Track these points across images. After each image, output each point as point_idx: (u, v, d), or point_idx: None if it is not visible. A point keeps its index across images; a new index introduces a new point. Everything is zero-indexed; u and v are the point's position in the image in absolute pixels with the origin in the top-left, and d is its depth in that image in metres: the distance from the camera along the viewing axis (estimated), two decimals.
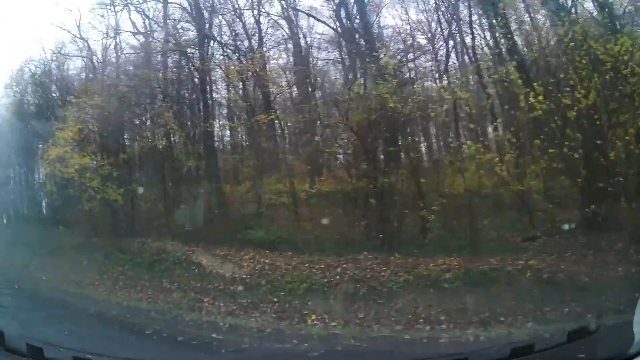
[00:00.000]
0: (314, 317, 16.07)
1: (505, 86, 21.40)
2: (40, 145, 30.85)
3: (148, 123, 28.86)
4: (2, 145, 39.09)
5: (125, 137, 30.37)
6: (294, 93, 30.82)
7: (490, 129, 24.69)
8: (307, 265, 19.70)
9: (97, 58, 33.62)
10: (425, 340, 13.26)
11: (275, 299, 17.81)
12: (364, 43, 26.46)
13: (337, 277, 18.27)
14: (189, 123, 28.00)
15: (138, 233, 26.80)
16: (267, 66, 28.29)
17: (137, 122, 29.86)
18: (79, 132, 27.09)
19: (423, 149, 26.34)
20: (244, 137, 31.01)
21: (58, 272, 26.70)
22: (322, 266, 19.28)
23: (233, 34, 29.79)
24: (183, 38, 29.12)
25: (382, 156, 23.02)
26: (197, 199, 26.69)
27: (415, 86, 24.86)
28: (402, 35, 27.46)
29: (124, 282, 22.79)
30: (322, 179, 27.27)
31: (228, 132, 31.55)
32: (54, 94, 36.43)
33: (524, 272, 15.67)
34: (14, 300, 21.68)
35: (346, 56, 29.51)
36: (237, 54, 29.50)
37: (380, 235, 21.07)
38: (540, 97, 18.04)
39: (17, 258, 33.98)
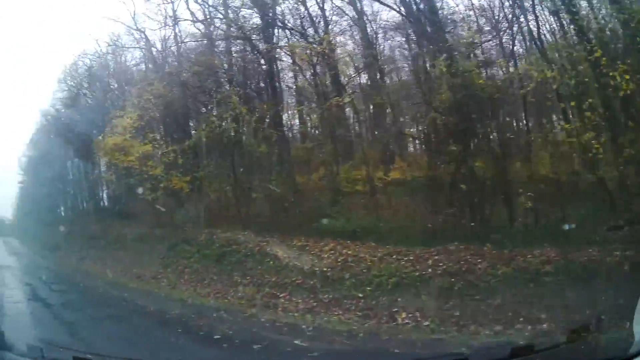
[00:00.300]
0: (404, 315, 13.96)
1: (590, 65, 18.55)
2: (98, 137, 29.12)
3: (214, 111, 26.76)
4: (58, 138, 39.89)
5: (190, 124, 29.56)
6: (362, 80, 28.63)
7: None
8: (394, 257, 17.42)
9: (156, 48, 33.10)
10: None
11: (361, 295, 15.68)
12: (431, 27, 23.91)
13: (429, 270, 15.99)
14: (257, 110, 25.56)
15: (205, 223, 25.15)
16: (335, 52, 26.10)
17: (203, 108, 28.53)
18: (138, 119, 26.13)
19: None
20: (314, 123, 29.11)
21: (117, 265, 25.96)
22: (411, 258, 17.01)
23: (299, 19, 27.91)
24: (246, 25, 27.43)
25: (468, 138, 20.60)
26: (269, 187, 24.47)
27: (497, 65, 23.17)
28: (467, 20, 25.11)
29: (190, 275, 21.40)
30: (397, 166, 25.32)
31: (297, 120, 30.54)
32: (111, 86, 36.65)
33: (621, 264, 13.74)
34: (64, 297, 20.32)
35: (412, 41, 26.73)
36: (304, 41, 27.06)
37: (472, 224, 18.94)
38: (627, 76, 16.34)
39: (73, 251, 34.84)
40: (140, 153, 25.01)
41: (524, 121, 23.54)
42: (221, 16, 28.40)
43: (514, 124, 24.47)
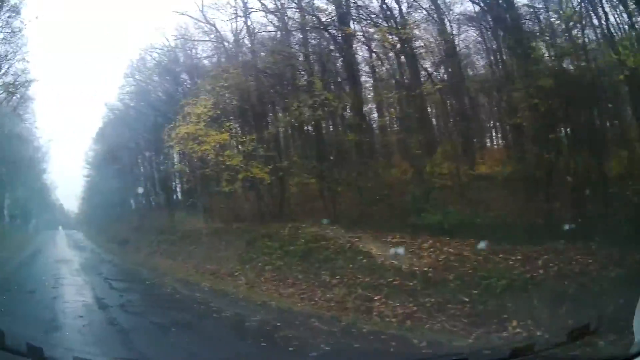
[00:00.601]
0: (514, 323, 12.10)
1: None
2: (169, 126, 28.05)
3: (295, 99, 25.33)
4: (127, 132, 40.80)
5: (268, 112, 28.65)
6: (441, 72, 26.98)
7: None
8: (500, 255, 15.67)
9: (228, 42, 32.44)
10: None
11: (467, 299, 13.81)
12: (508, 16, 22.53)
13: (541, 271, 14.24)
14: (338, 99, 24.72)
15: (287, 217, 24.19)
16: (414, 43, 24.98)
17: (282, 97, 27.25)
18: (213, 108, 25.00)
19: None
20: (394, 116, 27.65)
21: (189, 261, 25.14)
22: (519, 257, 15.26)
23: (377, 7, 25.83)
24: (321, 15, 26.58)
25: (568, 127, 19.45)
26: (356, 178, 23.41)
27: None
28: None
29: (271, 273, 19.89)
30: (483, 159, 24.29)
31: (376, 114, 28.40)
32: (181, 77, 36.69)
33: None
34: (124, 297, 18.40)
35: (489, 31, 25.52)
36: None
37: (578, 220, 16.75)
38: None
39: (141, 245, 34.30)
40: (216, 142, 23.88)
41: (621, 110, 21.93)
42: (294, 6, 28.21)
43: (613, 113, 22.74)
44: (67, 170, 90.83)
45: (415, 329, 12.89)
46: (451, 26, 26.20)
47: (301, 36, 28.17)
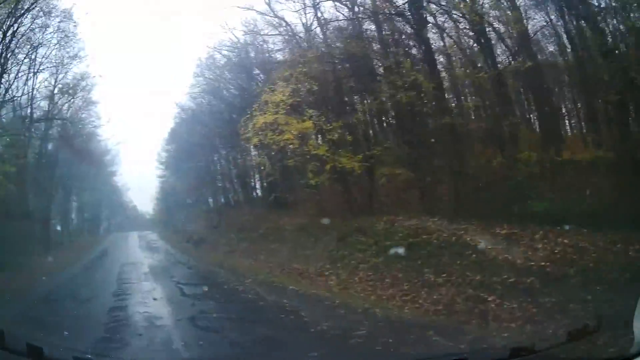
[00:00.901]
0: None
1: None
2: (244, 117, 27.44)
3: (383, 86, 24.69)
4: (200, 130, 42.11)
5: (353, 97, 27.92)
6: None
7: None
8: (618, 246, 14.19)
9: (298, 34, 32.26)
10: None
11: (590, 297, 12.20)
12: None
13: None
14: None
15: (377, 210, 23.03)
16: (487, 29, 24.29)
17: (369, 78, 26.17)
18: (292, 94, 24.20)
19: None
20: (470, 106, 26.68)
21: (272, 261, 23.95)
22: (638, 247, 13.70)
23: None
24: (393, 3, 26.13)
25: None
26: (450, 165, 22.11)
27: None
28: None
29: (366, 272, 18.51)
30: (568, 145, 22.73)
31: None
32: (254, 73, 36.96)
33: None
34: (198, 305, 16.59)
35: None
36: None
37: None
38: None
39: (219, 244, 33.80)
40: (298, 131, 23.12)
41: None
42: None
43: None
44: (140, 172, 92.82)
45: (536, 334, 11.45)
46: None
47: (373, 26, 27.60)
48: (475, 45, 24.59)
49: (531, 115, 26.21)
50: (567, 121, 26.08)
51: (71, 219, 57.58)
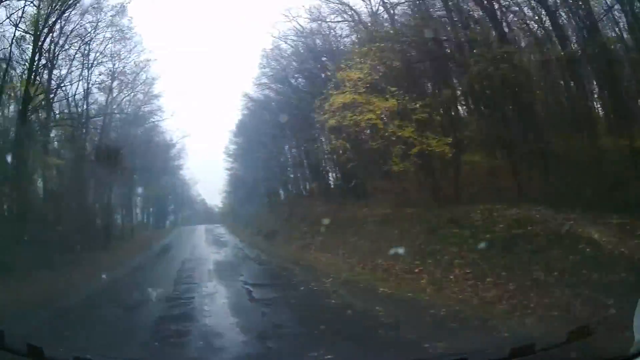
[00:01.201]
0: None
1: None
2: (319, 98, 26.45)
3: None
4: (268, 121, 43.84)
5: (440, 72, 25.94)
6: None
7: None
8: None
9: (363, 24, 32.89)
10: None
11: None
12: None
13: None
14: None
15: (465, 198, 21.47)
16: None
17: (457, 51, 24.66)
18: (371, 71, 22.75)
19: None
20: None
21: (352, 255, 22.29)
22: None
23: None
24: None
25: None
26: (549, 146, 20.46)
27: None
28: None
29: (462, 270, 16.30)
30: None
31: None
32: (322, 59, 37.06)
33: None
34: (270, 316, 14.01)
35: None
36: None
37: None
38: None
39: (292, 237, 33.07)
40: (382, 110, 21.50)
41: None
42: None
43: None
44: (208, 165, 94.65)
45: None
46: None
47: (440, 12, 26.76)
48: (542, 27, 23.69)
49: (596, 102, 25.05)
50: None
51: (135, 213, 58.95)
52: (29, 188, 30.14)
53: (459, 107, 27.60)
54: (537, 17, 23.44)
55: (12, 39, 27.92)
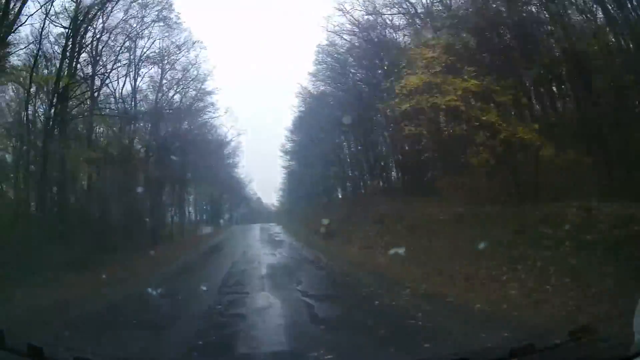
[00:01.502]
0: None
1: None
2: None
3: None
4: (329, 117, 42.95)
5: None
6: None
7: None
8: None
9: (418, 17, 32.83)
10: None
11: None
12: None
13: None
14: None
15: (546, 195, 19.24)
16: None
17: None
18: (446, 50, 21.13)
19: None
20: None
21: (425, 260, 19.64)
22: None
23: None
24: None
25: None
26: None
27: None
28: None
29: (561, 279, 13.47)
30: None
31: None
32: (380, 54, 36.79)
33: None
34: (343, 352, 10.13)
35: None
36: None
37: None
38: None
39: (352, 238, 31.93)
40: (464, 92, 19.47)
41: None
42: None
43: None
44: (264, 164, 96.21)
45: None
46: None
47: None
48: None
49: None
50: None
51: (188, 211, 61.70)
52: (69, 186, 30.10)
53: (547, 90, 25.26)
54: None
55: (40, 29, 28.09)
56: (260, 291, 17.78)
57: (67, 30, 29.60)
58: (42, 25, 27.90)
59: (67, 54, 29.79)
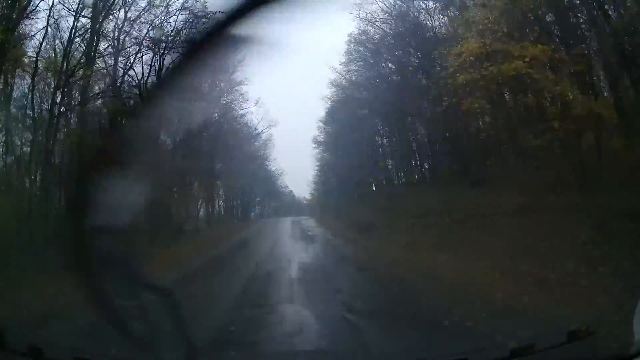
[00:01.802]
0: None
1: None
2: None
3: None
4: (362, 107, 43.76)
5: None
6: None
7: None
8: None
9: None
10: None
11: None
12: None
13: None
14: None
15: (609, 185, 17.16)
16: None
17: None
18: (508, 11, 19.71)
19: None
20: None
21: (482, 258, 17.18)
22: None
23: None
24: None
25: None
26: None
27: None
28: None
29: None
30: None
31: None
32: (413, 42, 36.46)
33: None
34: None
35: None
36: None
37: None
38: None
39: (393, 231, 30.13)
40: (532, 59, 17.48)
41: None
42: None
43: None
44: (296, 156, 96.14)
45: None
46: None
47: None
48: None
49: None
50: None
51: (218, 204, 62.00)
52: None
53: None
54: None
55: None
56: (289, 303, 14.50)
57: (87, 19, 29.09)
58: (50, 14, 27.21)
59: (87, 44, 29.51)
